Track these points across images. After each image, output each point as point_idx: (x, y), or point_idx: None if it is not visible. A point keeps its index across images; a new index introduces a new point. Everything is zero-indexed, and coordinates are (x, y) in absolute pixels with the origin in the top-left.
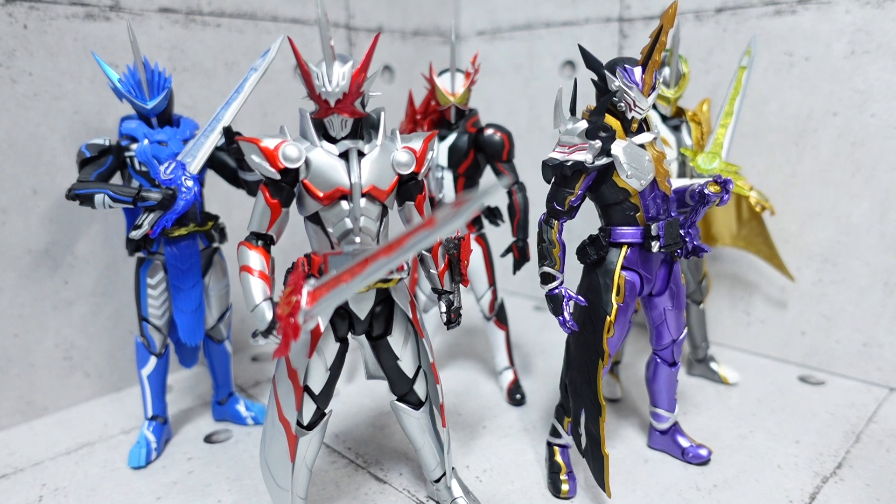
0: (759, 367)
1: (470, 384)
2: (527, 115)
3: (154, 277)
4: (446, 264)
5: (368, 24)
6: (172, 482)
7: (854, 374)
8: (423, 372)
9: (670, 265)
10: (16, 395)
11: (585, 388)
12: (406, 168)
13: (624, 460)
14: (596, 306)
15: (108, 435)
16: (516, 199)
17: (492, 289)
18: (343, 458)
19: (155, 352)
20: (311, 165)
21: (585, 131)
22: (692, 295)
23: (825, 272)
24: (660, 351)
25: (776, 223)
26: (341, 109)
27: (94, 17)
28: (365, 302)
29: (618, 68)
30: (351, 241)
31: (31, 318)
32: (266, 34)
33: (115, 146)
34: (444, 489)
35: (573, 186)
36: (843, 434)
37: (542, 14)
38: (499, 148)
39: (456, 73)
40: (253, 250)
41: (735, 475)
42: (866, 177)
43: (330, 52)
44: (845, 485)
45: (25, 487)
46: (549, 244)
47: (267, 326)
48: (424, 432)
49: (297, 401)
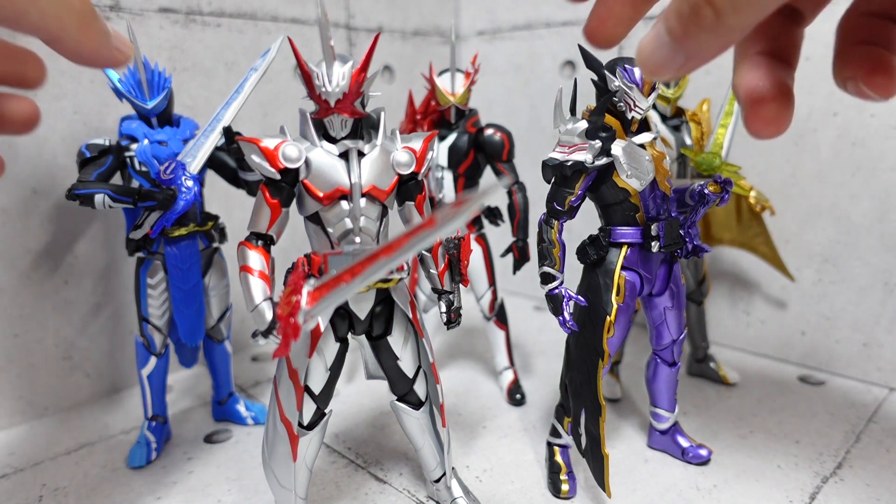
0: (759, 367)
1: (470, 384)
2: (527, 115)
3: (154, 277)
4: (446, 264)
5: (368, 24)
6: (172, 482)
7: (854, 374)
8: (423, 372)
9: (670, 265)
10: (16, 395)
11: (585, 388)
12: (406, 168)
13: (624, 460)
14: (596, 306)
15: (108, 435)
16: (516, 199)
17: (492, 289)
18: (343, 458)
19: (155, 352)
20: (311, 165)
21: (585, 131)
22: (692, 295)
23: (825, 272)
24: (660, 351)
25: (776, 223)
26: (341, 109)
27: None
28: (365, 302)
29: (618, 68)
30: (351, 241)
31: (31, 318)
32: (266, 34)
33: (115, 146)
34: (444, 489)
35: (573, 186)
36: (843, 434)
37: (542, 14)
38: (499, 148)
39: (456, 73)
40: (253, 250)
41: (735, 475)
42: (866, 177)
43: (330, 52)
44: (845, 485)
45: (25, 487)
46: (549, 244)
47: (267, 326)
48: (424, 432)
49: (298, 401)
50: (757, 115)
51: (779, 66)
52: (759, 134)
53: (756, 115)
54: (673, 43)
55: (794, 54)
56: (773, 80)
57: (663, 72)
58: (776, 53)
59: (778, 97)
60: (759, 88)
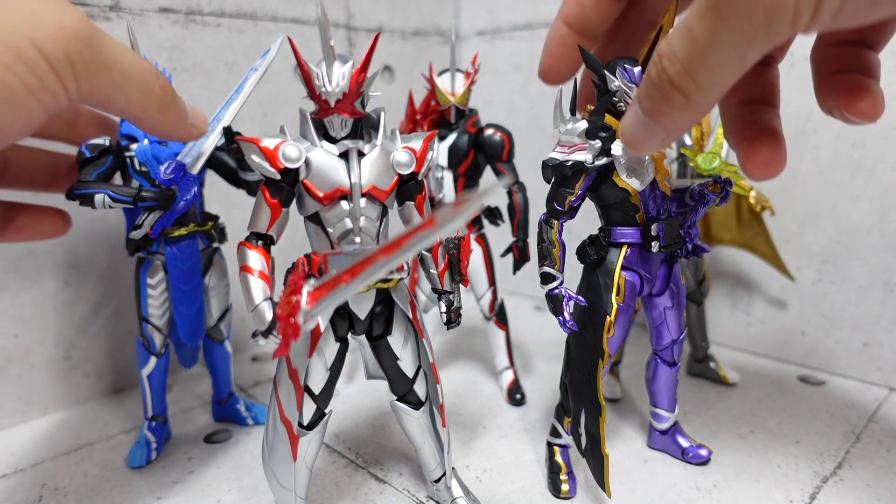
0: (759, 367)
1: (470, 384)
2: (527, 115)
3: (154, 277)
4: (446, 264)
5: (368, 24)
6: (172, 482)
7: (854, 374)
8: (423, 372)
9: (670, 265)
10: (16, 395)
11: (585, 388)
12: (406, 168)
13: (624, 460)
14: (596, 306)
15: (108, 435)
16: (516, 199)
17: (492, 289)
18: (343, 458)
19: (155, 352)
20: (311, 165)
21: (585, 131)
22: (692, 295)
23: (825, 272)
24: (660, 351)
25: (776, 223)
26: (341, 109)
27: (94, 17)
28: (365, 302)
29: (618, 68)
30: (351, 241)
31: (32, 318)
32: (266, 34)
33: (115, 146)
34: (444, 489)
35: (573, 186)
36: (843, 434)
37: (542, 14)
38: (499, 148)
39: (456, 73)
40: (253, 250)
41: (735, 475)
42: (866, 177)
43: (330, 52)
44: (845, 485)
45: (25, 487)
46: (549, 244)
47: (267, 326)
48: (424, 432)
49: (298, 401)
50: (753, 161)
51: (762, 110)
52: (759, 177)
53: (752, 161)
54: (651, 122)
55: (772, 94)
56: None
57: (648, 148)
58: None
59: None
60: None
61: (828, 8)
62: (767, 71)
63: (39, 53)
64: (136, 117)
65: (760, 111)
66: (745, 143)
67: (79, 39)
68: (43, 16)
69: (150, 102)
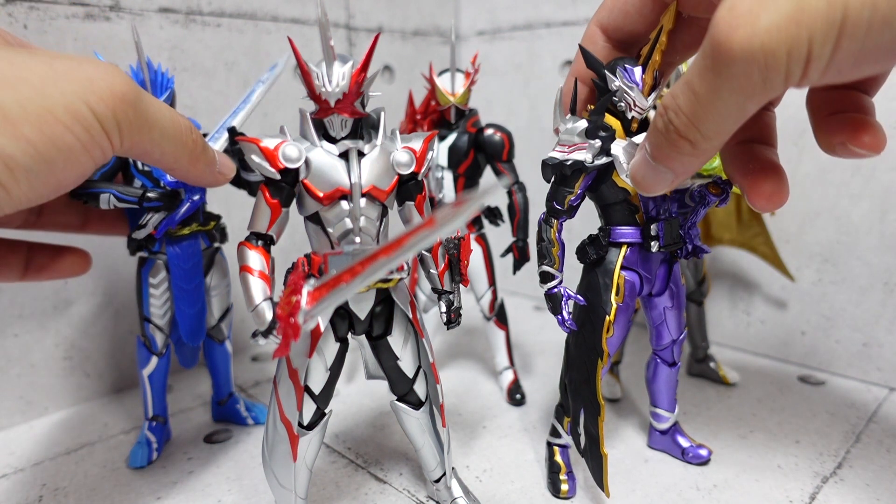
0: (759, 367)
1: (470, 384)
2: (527, 115)
3: (156, 277)
4: (446, 264)
5: (368, 24)
6: (172, 482)
7: (854, 374)
8: (423, 372)
9: (670, 265)
10: (16, 395)
11: (585, 388)
12: (406, 168)
13: (624, 460)
14: (595, 306)
15: (108, 435)
16: (516, 199)
17: (492, 289)
18: (343, 458)
19: (156, 351)
20: (311, 165)
21: (585, 131)
22: (692, 295)
23: (825, 272)
24: (660, 351)
25: (776, 223)
26: (341, 109)
27: (94, 17)
28: (365, 302)
29: (618, 68)
30: (351, 241)
31: (32, 318)
32: (266, 34)
33: None
34: (444, 489)
35: (573, 186)
36: (843, 434)
37: (542, 14)
38: (499, 148)
39: (456, 73)
40: (253, 250)
41: (735, 475)
42: (866, 177)
43: (330, 52)
44: (845, 485)
45: (25, 487)
46: (549, 243)
47: (267, 326)
48: (424, 432)
49: (298, 401)
50: (757, 193)
51: (760, 148)
52: (764, 209)
53: (756, 193)
54: (660, 166)
55: (770, 134)
56: (759, 162)
57: (658, 190)
58: (754, 139)
59: (771, 173)
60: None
61: (815, 69)
62: (764, 114)
63: (93, 114)
64: (169, 167)
65: (759, 149)
66: (748, 176)
67: (125, 101)
68: (97, 80)
69: (183, 154)
